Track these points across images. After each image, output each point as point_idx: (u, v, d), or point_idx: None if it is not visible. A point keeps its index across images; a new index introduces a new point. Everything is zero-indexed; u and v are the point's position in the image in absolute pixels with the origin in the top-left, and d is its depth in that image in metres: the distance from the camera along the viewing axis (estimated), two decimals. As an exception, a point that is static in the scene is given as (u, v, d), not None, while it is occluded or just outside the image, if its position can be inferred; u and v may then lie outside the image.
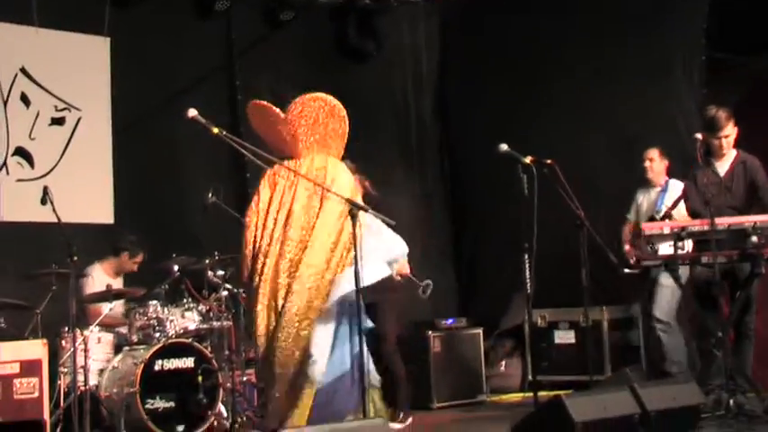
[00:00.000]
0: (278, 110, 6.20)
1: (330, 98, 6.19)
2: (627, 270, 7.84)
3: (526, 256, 6.18)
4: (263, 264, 6.00)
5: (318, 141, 6.18)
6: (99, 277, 8.00)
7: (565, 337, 8.88)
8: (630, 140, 8.81)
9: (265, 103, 6.31)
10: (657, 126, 8.85)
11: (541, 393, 6.51)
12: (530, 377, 8.72)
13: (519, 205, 6.13)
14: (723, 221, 6.54)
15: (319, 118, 6.16)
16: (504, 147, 6.28)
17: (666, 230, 6.73)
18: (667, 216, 7.66)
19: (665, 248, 6.74)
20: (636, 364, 8.30)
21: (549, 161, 6.41)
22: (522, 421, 5.44)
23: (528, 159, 6.28)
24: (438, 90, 11.01)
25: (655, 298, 7.84)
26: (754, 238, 6.42)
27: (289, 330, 5.88)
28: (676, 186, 7.93)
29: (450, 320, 8.84)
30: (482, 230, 7.79)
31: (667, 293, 7.77)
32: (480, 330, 8.83)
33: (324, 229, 5.96)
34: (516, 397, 8.73)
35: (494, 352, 9.22)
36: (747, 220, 6.54)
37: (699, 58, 8.79)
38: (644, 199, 8.25)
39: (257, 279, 6.00)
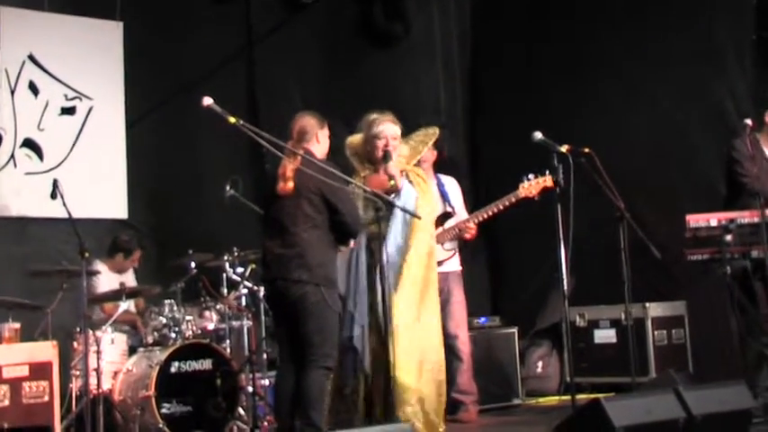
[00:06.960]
0: None
1: None
2: None
3: (563, 251, 5.89)
4: None
5: None
6: (106, 274, 7.92)
7: (605, 336, 8.59)
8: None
9: None
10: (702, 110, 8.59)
11: (580, 396, 6.42)
12: (568, 379, 8.41)
13: (555, 197, 5.92)
14: None
15: None
16: (538, 135, 5.97)
17: (714, 222, 6.59)
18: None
19: None
20: (682, 366, 8.04)
21: (586, 150, 6.12)
22: (560, 426, 5.34)
23: (564, 148, 6.00)
24: (469, 77, 10.71)
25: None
26: None
27: None
28: (453, 183, 7.91)
29: (482, 319, 8.54)
30: (516, 224, 7.61)
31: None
32: (515, 330, 8.52)
33: None
34: (553, 400, 8.54)
35: (529, 352, 8.97)
36: None
37: (749, 38, 8.42)
38: None
39: None
